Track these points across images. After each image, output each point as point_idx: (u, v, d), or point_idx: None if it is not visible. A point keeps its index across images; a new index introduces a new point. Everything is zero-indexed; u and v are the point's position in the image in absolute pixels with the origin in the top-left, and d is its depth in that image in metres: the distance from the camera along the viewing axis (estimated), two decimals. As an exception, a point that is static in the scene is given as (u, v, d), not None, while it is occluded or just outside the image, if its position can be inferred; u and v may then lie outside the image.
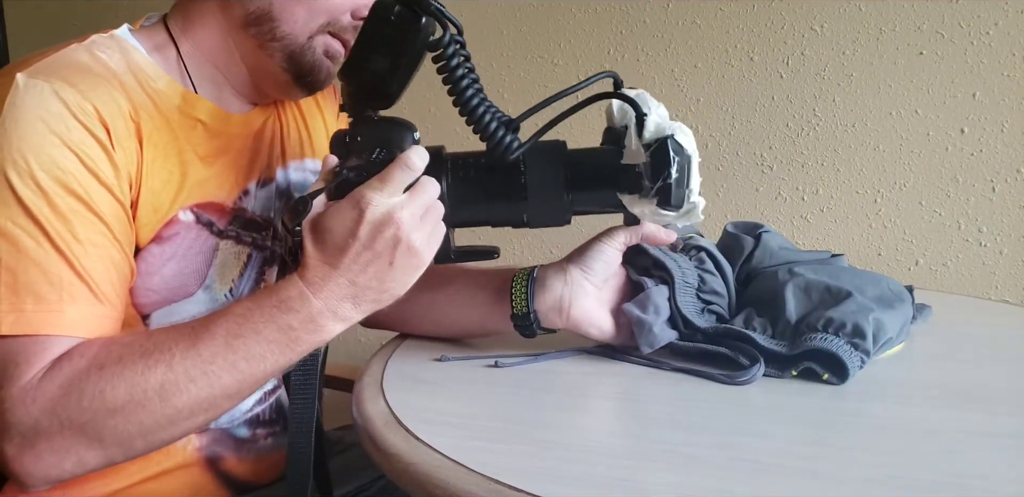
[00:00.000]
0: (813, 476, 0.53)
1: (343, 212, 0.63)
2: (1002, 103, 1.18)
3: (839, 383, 0.69)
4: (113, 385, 0.60)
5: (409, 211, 0.63)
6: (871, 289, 0.76)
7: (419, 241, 0.63)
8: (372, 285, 0.64)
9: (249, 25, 0.74)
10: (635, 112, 0.65)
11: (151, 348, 0.62)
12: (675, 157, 0.63)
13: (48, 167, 0.62)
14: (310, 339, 0.64)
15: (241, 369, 0.62)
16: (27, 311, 0.61)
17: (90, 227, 0.64)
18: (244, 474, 0.81)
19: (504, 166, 0.67)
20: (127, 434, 0.61)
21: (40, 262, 0.62)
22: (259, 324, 0.62)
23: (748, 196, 1.33)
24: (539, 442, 0.59)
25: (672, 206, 0.65)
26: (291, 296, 0.63)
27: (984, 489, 0.52)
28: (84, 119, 0.64)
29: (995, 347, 0.83)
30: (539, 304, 0.75)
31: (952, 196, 1.23)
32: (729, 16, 1.30)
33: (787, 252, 0.83)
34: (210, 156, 0.75)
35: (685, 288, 0.76)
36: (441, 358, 0.77)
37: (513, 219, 0.70)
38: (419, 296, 0.74)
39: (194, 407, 0.62)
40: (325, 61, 0.76)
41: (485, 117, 0.65)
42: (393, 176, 0.63)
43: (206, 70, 0.77)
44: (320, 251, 0.63)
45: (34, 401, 0.60)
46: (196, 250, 0.74)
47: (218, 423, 0.79)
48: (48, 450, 0.60)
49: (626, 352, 0.76)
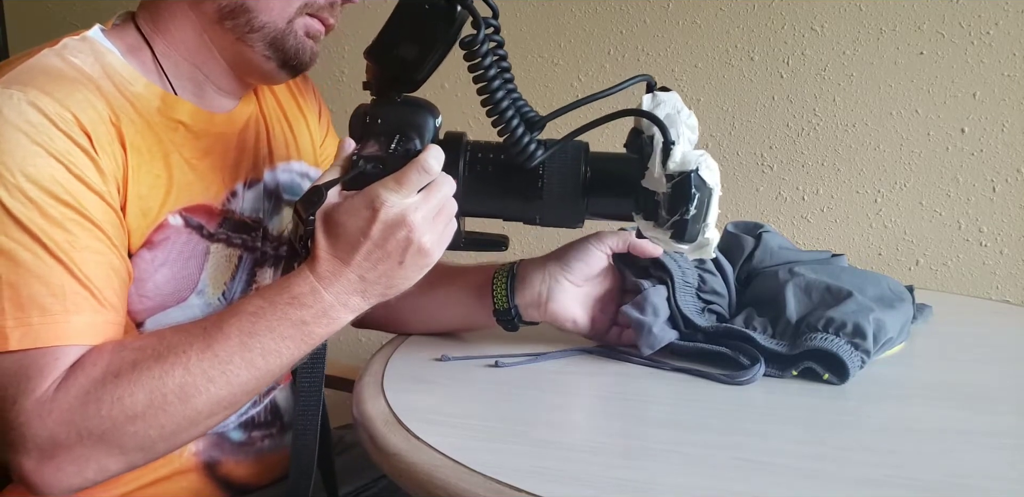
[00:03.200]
0: (813, 476, 0.53)
1: (357, 209, 0.63)
2: (1002, 103, 1.18)
3: (839, 383, 0.69)
4: (131, 391, 0.60)
5: (422, 214, 0.63)
6: (872, 289, 0.76)
7: (430, 242, 0.64)
8: (381, 281, 0.64)
9: (224, 19, 0.73)
10: (663, 137, 0.63)
11: (165, 351, 0.61)
12: (695, 193, 0.62)
13: (35, 178, 0.61)
14: (323, 331, 0.64)
15: (258, 365, 0.62)
16: (34, 324, 0.60)
17: (86, 234, 0.64)
18: (243, 477, 0.81)
19: (523, 166, 0.66)
20: (148, 439, 0.61)
21: (40, 274, 0.61)
22: (273, 321, 0.63)
23: (748, 196, 1.33)
24: (539, 442, 0.59)
25: (686, 241, 0.64)
26: (303, 292, 0.63)
27: (984, 489, 0.52)
28: (65, 127, 0.63)
29: (995, 347, 0.83)
30: (519, 299, 0.77)
31: (952, 196, 1.23)
32: (729, 16, 1.30)
33: (787, 252, 0.83)
34: (195, 158, 0.74)
35: (685, 288, 0.76)
36: (442, 358, 0.76)
37: (525, 217, 0.70)
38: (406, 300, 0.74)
39: (214, 407, 0.62)
40: (307, 41, 0.75)
41: (511, 118, 0.64)
42: (409, 178, 0.63)
43: (183, 69, 0.75)
44: (332, 245, 0.64)
45: (50, 413, 0.59)
46: (188, 255, 0.73)
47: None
48: (68, 461, 0.60)
49: (627, 352, 0.76)
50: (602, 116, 0.65)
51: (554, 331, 0.80)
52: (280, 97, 0.87)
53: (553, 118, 0.66)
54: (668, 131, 0.63)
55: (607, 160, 0.68)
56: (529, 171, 0.67)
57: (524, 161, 0.65)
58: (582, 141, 0.68)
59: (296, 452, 0.73)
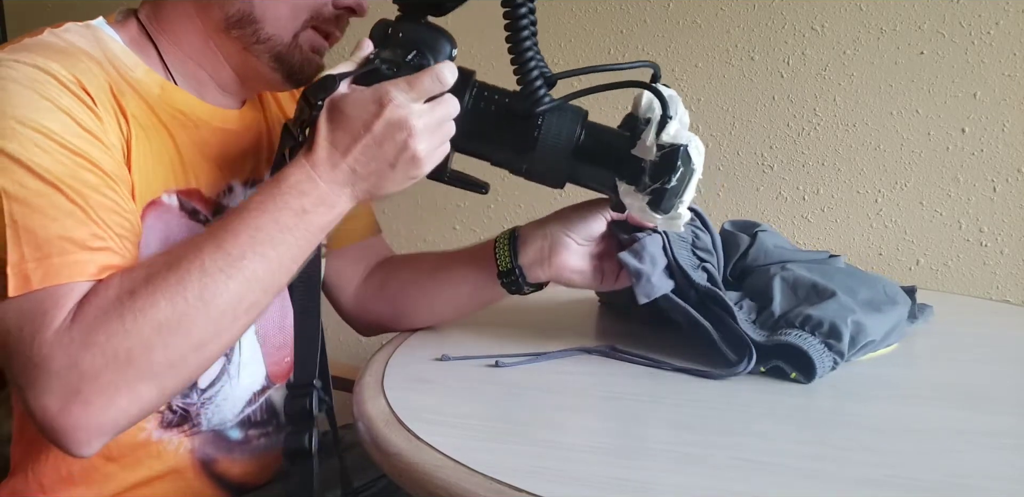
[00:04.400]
0: (813, 476, 0.54)
1: (364, 103, 0.63)
2: (1003, 103, 1.18)
3: (806, 382, 0.69)
4: (152, 302, 0.58)
5: (424, 121, 0.64)
6: (865, 291, 0.76)
7: (424, 152, 0.64)
8: (370, 179, 0.65)
9: (231, 28, 0.73)
10: (662, 111, 0.66)
11: (175, 261, 0.60)
12: (680, 167, 0.65)
13: (46, 131, 0.61)
14: (322, 221, 0.65)
15: (271, 258, 0.62)
16: (54, 263, 0.59)
17: (99, 181, 0.63)
18: (238, 476, 0.81)
19: (525, 114, 0.68)
20: (178, 352, 0.59)
21: (57, 217, 0.60)
22: (275, 213, 0.63)
23: (749, 196, 1.33)
24: (539, 442, 0.60)
25: (660, 209, 0.67)
26: (300, 179, 0.64)
27: (984, 489, 0.52)
28: (72, 87, 0.64)
29: (995, 347, 0.83)
30: (523, 259, 0.79)
31: (953, 196, 1.23)
32: (730, 16, 1.30)
33: (782, 251, 0.83)
34: (193, 146, 0.74)
35: (680, 241, 0.77)
36: (442, 358, 0.77)
37: (513, 165, 0.71)
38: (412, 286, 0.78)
39: (237, 306, 0.61)
40: (313, 57, 0.76)
41: (531, 65, 0.67)
42: (422, 82, 0.63)
43: (188, 67, 0.75)
44: (331, 132, 0.64)
45: (72, 340, 0.57)
46: (177, 237, 0.72)
47: (210, 424, 0.78)
48: (96, 391, 0.57)
49: (626, 352, 0.76)
50: (608, 82, 0.68)
51: (554, 331, 0.80)
52: (283, 103, 0.87)
53: (564, 77, 0.69)
54: (668, 105, 0.66)
55: (602, 130, 0.70)
56: (528, 121, 0.68)
57: (531, 105, 0.67)
58: (583, 108, 0.70)
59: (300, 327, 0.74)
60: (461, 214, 1.52)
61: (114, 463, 0.73)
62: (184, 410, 0.76)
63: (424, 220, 1.56)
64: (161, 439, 0.75)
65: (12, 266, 0.59)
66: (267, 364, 0.83)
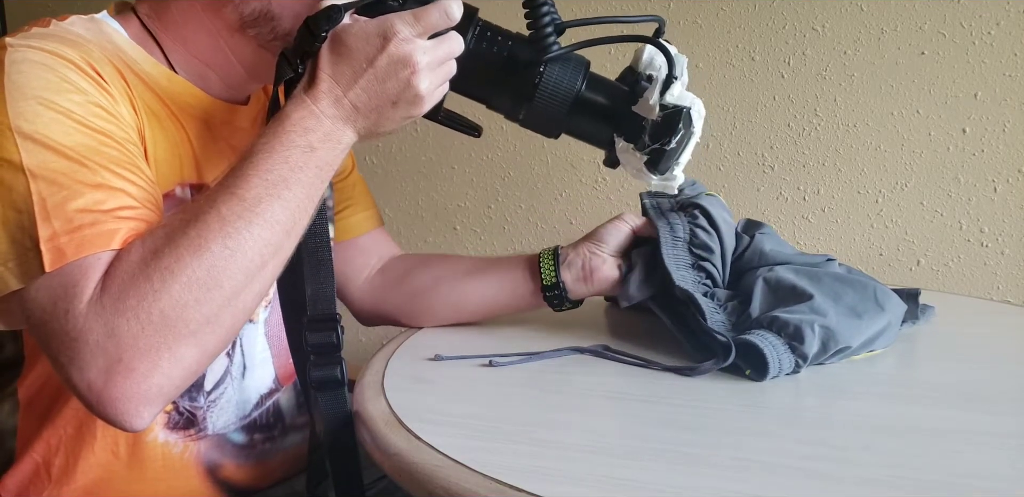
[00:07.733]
0: (813, 476, 0.54)
1: (369, 35, 0.62)
2: (1004, 103, 1.18)
3: (759, 380, 0.69)
4: (176, 258, 0.57)
5: (428, 58, 0.63)
6: (851, 296, 0.75)
7: (426, 91, 0.63)
8: (371, 117, 0.64)
9: (247, 27, 0.72)
10: (668, 70, 0.66)
11: (192, 216, 0.59)
12: (682, 129, 0.65)
13: (66, 111, 0.61)
14: (330, 158, 0.64)
15: (287, 198, 0.61)
16: (87, 235, 0.59)
17: (122, 158, 0.63)
18: (243, 480, 0.81)
19: (528, 60, 0.67)
20: (211, 307, 0.58)
21: (83, 192, 0.60)
22: (284, 153, 0.61)
23: (749, 196, 1.33)
24: (539, 442, 0.60)
25: (656, 170, 0.68)
26: (303, 116, 0.62)
27: (985, 489, 0.52)
28: (87, 70, 0.64)
29: (996, 347, 0.83)
30: (565, 275, 0.83)
31: (954, 196, 1.23)
32: (730, 16, 1.30)
33: (778, 254, 0.83)
34: (203, 138, 0.74)
35: (675, 241, 0.79)
36: (436, 357, 0.77)
37: (511, 110, 0.71)
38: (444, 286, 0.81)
39: (263, 251, 0.60)
40: None
41: (544, 9, 0.66)
42: (429, 17, 0.62)
43: (193, 66, 0.75)
44: (333, 65, 0.63)
45: (103, 308, 0.56)
46: None
47: (215, 428, 0.78)
48: (137, 357, 0.56)
49: (619, 352, 0.77)
50: (616, 35, 0.68)
51: (548, 331, 0.81)
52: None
53: (575, 25, 0.68)
54: (675, 65, 0.66)
55: (602, 82, 0.70)
56: (530, 66, 0.68)
57: (539, 50, 0.67)
58: (587, 58, 0.70)
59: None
60: (462, 214, 1.52)
61: (119, 462, 0.73)
62: (191, 413, 0.76)
63: (425, 221, 1.56)
64: (167, 441, 0.75)
65: (45, 242, 0.58)
66: (276, 366, 0.83)
